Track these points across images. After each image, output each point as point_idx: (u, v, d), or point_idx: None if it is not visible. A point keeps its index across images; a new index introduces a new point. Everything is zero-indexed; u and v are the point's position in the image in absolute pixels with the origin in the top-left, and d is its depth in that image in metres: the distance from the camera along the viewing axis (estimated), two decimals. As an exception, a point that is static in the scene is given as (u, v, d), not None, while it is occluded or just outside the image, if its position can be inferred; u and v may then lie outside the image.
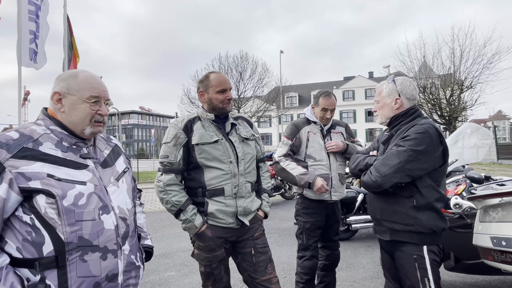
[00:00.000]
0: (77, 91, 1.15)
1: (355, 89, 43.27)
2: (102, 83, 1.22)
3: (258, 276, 1.85)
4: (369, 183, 1.68)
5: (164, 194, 1.81)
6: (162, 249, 4.68)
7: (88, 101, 1.15)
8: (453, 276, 3.39)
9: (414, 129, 1.65)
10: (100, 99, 1.18)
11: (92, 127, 1.17)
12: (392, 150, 1.65)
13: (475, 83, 16.46)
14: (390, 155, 1.64)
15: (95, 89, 1.17)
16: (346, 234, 4.88)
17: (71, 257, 1.04)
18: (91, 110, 1.15)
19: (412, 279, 1.62)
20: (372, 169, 1.68)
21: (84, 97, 1.15)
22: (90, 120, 1.16)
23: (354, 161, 1.90)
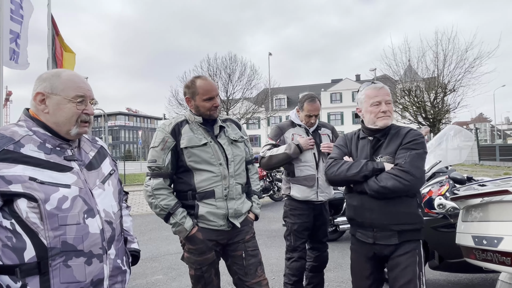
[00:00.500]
0: (61, 91, 1.12)
1: (343, 91, 43.86)
2: (86, 82, 1.20)
3: (248, 279, 1.85)
4: (399, 187, 1.64)
5: (153, 199, 1.79)
6: (149, 252, 4.61)
7: (74, 100, 1.12)
8: (437, 275, 3.47)
9: (416, 133, 1.78)
10: (86, 98, 1.16)
11: (78, 127, 1.14)
12: (412, 153, 1.69)
13: (458, 87, 16.97)
14: (415, 158, 1.68)
15: (81, 88, 1.15)
16: (334, 235, 4.93)
17: (54, 262, 1.01)
18: (77, 110, 1.13)
19: (411, 274, 1.67)
20: (400, 173, 1.64)
21: (70, 96, 1.12)
22: (76, 120, 1.13)
23: (349, 167, 1.76)
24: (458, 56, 16.66)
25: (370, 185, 1.70)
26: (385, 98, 1.79)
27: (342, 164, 1.81)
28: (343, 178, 1.79)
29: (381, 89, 1.81)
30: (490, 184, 2.16)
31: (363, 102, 1.86)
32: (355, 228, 1.88)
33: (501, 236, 1.50)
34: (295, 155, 2.49)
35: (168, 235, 5.44)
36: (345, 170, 1.77)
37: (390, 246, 1.73)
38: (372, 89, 1.83)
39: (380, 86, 1.83)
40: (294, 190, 2.56)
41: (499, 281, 1.75)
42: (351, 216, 1.88)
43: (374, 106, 1.79)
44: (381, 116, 1.78)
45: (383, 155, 1.78)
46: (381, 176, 1.69)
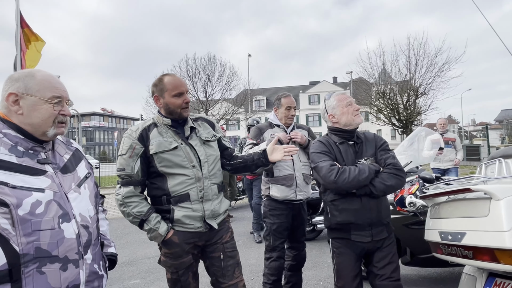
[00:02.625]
0: (37, 91, 1.09)
1: (320, 93, 44.66)
2: (61, 82, 1.19)
3: (225, 281, 1.85)
4: (399, 183, 1.87)
5: (124, 207, 1.75)
6: (126, 256, 4.50)
7: (51, 101, 1.10)
8: (409, 270, 3.63)
9: (380, 136, 2.08)
10: (62, 99, 1.14)
11: (55, 128, 1.12)
12: (393, 154, 1.96)
13: (428, 90, 17.73)
14: (395, 157, 1.94)
15: (57, 89, 1.13)
16: (311, 234, 5.03)
17: (27, 269, 0.99)
18: (54, 111, 1.11)
19: (397, 260, 1.95)
20: (397, 171, 1.86)
21: (46, 97, 1.10)
22: (53, 121, 1.11)
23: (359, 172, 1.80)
24: (428, 60, 17.42)
25: (377, 186, 1.83)
26: (353, 100, 2.03)
27: (349, 170, 1.82)
28: (356, 184, 1.80)
29: (346, 93, 2.06)
30: (455, 183, 2.30)
31: (335, 107, 2.01)
32: (348, 232, 1.90)
33: (464, 231, 1.60)
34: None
35: (145, 239, 5.30)
36: (357, 176, 1.79)
37: (382, 239, 1.92)
38: (340, 94, 2.05)
39: (345, 91, 2.10)
40: (273, 190, 2.60)
41: (463, 274, 1.87)
42: (348, 220, 1.88)
43: (348, 107, 1.98)
44: (356, 114, 1.99)
45: (366, 158, 1.94)
46: (383, 176, 1.85)
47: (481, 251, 1.52)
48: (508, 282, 1.55)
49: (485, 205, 1.51)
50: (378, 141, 2.00)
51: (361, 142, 2.00)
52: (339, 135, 2.01)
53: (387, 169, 1.87)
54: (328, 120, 2.06)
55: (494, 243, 1.43)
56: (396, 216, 2.86)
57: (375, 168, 1.85)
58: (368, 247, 1.91)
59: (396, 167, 1.88)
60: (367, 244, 1.90)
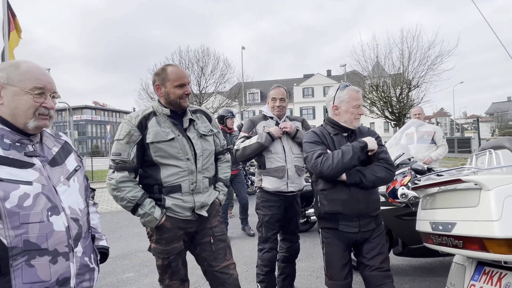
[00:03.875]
0: (18, 82, 1.06)
1: (314, 86, 44.71)
2: (48, 74, 1.14)
3: (217, 263, 1.87)
4: (388, 177, 1.92)
5: (118, 192, 1.73)
6: (120, 250, 4.49)
7: (32, 92, 1.07)
8: (401, 260, 3.69)
9: (373, 131, 2.08)
10: (46, 91, 1.10)
11: (36, 120, 1.08)
12: (385, 149, 1.98)
13: (421, 83, 17.85)
14: (387, 152, 1.96)
15: (40, 80, 1.09)
16: (305, 226, 5.07)
17: (15, 262, 0.97)
18: (34, 102, 1.07)
19: (386, 251, 1.97)
20: (388, 166, 1.92)
21: (27, 88, 1.06)
22: (34, 112, 1.07)
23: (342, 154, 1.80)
24: (421, 53, 17.49)
25: (368, 176, 1.86)
26: (362, 103, 2.01)
27: (333, 155, 1.82)
28: (342, 167, 1.79)
29: (360, 94, 2.00)
30: (446, 174, 2.32)
31: (344, 101, 1.96)
32: (336, 222, 1.93)
33: (454, 221, 1.62)
34: (267, 143, 2.55)
35: (139, 232, 5.32)
36: (340, 159, 1.78)
37: (370, 230, 1.94)
38: (355, 92, 1.98)
39: (359, 90, 2.02)
40: (265, 181, 2.62)
41: (453, 263, 1.90)
42: (336, 210, 1.90)
43: (355, 108, 1.95)
44: (358, 118, 1.98)
45: None
46: (374, 168, 1.89)
47: (470, 241, 1.55)
48: (497, 271, 1.58)
49: (475, 196, 1.54)
50: (371, 135, 2.00)
51: (355, 135, 2.02)
52: (334, 127, 2.02)
53: (379, 162, 1.92)
54: (331, 110, 2.03)
55: (484, 233, 1.45)
56: (388, 207, 2.89)
57: (359, 145, 1.85)
58: (356, 237, 1.94)
59: (387, 162, 1.93)
60: (354, 234, 1.93)
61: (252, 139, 2.60)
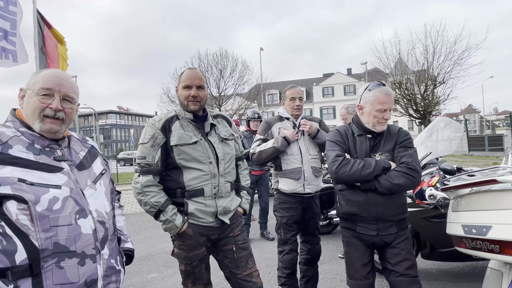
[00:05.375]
0: (32, 85, 1.10)
1: (334, 85, 44.01)
2: (64, 78, 1.14)
3: (239, 272, 1.87)
4: (409, 183, 1.78)
5: (142, 196, 1.76)
6: (144, 251, 4.60)
7: (39, 93, 1.08)
8: (429, 264, 3.54)
9: (406, 132, 1.94)
10: (54, 92, 1.10)
11: (41, 123, 1.08)
12: (411, 152, 1.84)
13: (447, 79, 17.15)
14: (415, 156, 1.83)
15: (48, 82, 1.09)
16: (327, 228, 4.98)
17: (46, 264, 1.01)
18: (40, 103, 1.08)
19: (413, 257, 1.85)
20: (409, 171, 1.77)
21: (36, 89, 1.09)
22: (39, 114, 1.08)
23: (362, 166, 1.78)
24: (447, 48, 16.83)
25: (383, 183, 1.78)
26: (391, 107, 1.86)
27: (353, 163, 1.80)
28: (356, 178, 1.79)
29: (390, 96, 1.85)
30: (479, 174, 2.20)
31: (369, 103, 1.88)
32: (354, 223, 1.91)
33: (490, 224, 1.53)
34: (283, 147, 2.52)
35: (163, 234, 5.42)
36: (359, 170, 1.78)
37: (390, 234, 1.86)
38: (383, 94, 1.84)
39: (390, 92, 1.86)
40: (281, 183, 2.59)
41: (488, 269, 1.79)
42: (353, 211, 1.89)
43: (379, 112, 1.85)
44: (382, 122, 1.86)
45: (382, 153, 1.87)
46: (391, 174, 1.79)
47: (508, 245, 1.45)
48: (538, 278, 1.48)
49: (512, 197, 1.44)
50: (400, 137, 1.90)
51: (381, 137, 1.93)
52: (359, 128, 1.96)
53: (399, 167, 1.81)
54: (356, 108, 2.00)
55: None
56: (415, 209, 2.78)
57: (383, 165, 1.80)
58: (374, 240, 1.88)
59: (408, 166, 1.79)
60: (372, 237, 1.88)
61: (268, 143, 2.58)
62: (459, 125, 4.22)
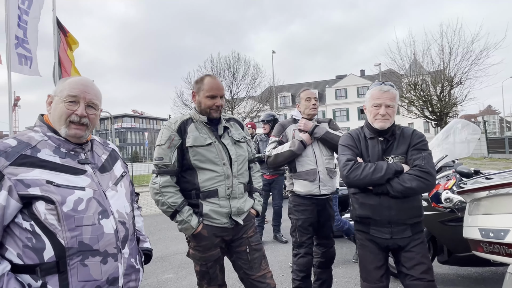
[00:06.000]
0: (60, 92, 1.16)
1: (348, 87, 43.57)
2: (89, 85, 1.20)
3: (253, 273, 1.89)
4: (422, 186, 1.75)
5: (160, 196, 1.82)
6: (159, 251, 4.68)
7: (65, 100, 1.14)
8: (447, 269, 3.46)
9: (420, 134, 1.90)
10: (79, 99, 1.16)
11: (67, 128, 1.14)
12: (425, 154, 1.80)
13: (465, 79, 16.73)
14: (429, 158, 1.80)
15: (74, 89, 1.15)
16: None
17: (72, 261, 1.06)
18: (66, 110, 1.14)
19: (428, 261, 1.81)
20: (422, 174, 1.75)
21: (63, 96, 1.15)
22: (66, 120, 1.14)
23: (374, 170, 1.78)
24: (464, 48, 16.44)
25: (395, 186, 1.77)
26: (386, 102, 1.83)
27: (364, 167, 1.80)
28: (368, 182, 1.79)
29: (385, 92, 1.84)
30: (497, 177, 2.15)
31: (367, 101, 1.92)
32: (368, 226, 1.91)
33: (508, 228, 1.50)
34: (299, 151, 2.54)
35: (177, 235, 5.50)
36: (370, 174, 1.77)
37: (405, 238, 1.84)
38: (377, 90, 1.87)
39: (386, 89, 1.85)
40: (296, 185, 2.60)
41: (507, 274, 1.75)
42: (366, 214, 1.89)
43: (374, 107, 1.86)
44: (379, 118, 1.85)
45: (394, 156, 1.85)
46: (404, 177, 1.77)
47: (527, 250, 1.42)
48: (560, 283, 1.44)
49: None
50: (414, 139, 1.87)
51: (394, 139, 1.91)
52: (370, 130, 1.95)
53: (412, 170, 1.79)
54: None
55: None
56: (431, 212, 2.74)
57: (395, 168, 1.78)
58: (388, 243, 1.87)
59: (421, 169, 1.76)
60: (386, 240, 1.87)
61: (285, 146, 2.60)
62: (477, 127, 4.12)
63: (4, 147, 1.04)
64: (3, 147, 1.04)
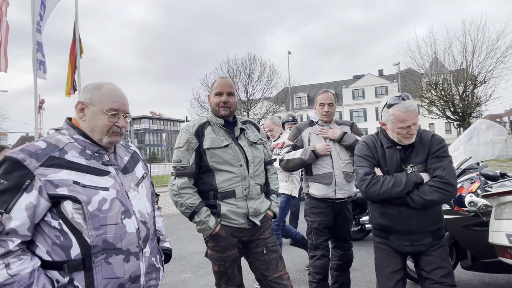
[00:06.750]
0: (98, 103, 1.21)
1: (365, 87, 42.81)
2: (124, 96, 1.28)
3: (270, 274, 1.90)
4: (443, 198, 1.71)
5: (178, 197, 1.86)
6: (177, 251, 4.75)
7: (108, 113, 1.21)
8: (471, 275, 3.34)
9: (440, 139, 1.81)
10: (119, 112, 1.23)
11: (109, 137, 1.22)
12: (446, 162, 1.74)
13: (489, 78, 16.12)
14: (450, 167, 1.75)
15: (115, 103, 1.23)
16: (359, 234, 4.86)
17: (96, 259, 1.10)
18: (109, 122, 1.21)
19: (449, 265, 1.79)
20: (442, 185, 1.69)
21: (104, 109, 1.20)
22: (108, 130, 1.21)
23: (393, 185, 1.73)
24: (488, 45, 15.85)
25: (415, 199, 1.73)
26: (414, 121, 1.74)
27: (383, 181, 1.76)
28: (387, 197, 1.76)
29: (411, 113, 1.73)
30: (525, 180, 2.06)
31: (390, 121, 1.80)
32: (388, 233, 1.88)
33: (538, 234, 1.44)
34: (310, 160, 2.52)
35: (195, 235, 5.58)
36: (389, 189, 1.73)
37: (425, 244, 1.81)
38: (403, 112, 1.73)
39: (411, 108, 1.73)
40: (312, 188, 2.58)
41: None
42: (386, 224, 1.87)
43: (401, 129, 1.76)
44: (408, 137, 1.78)
45: (414, 165, 1.80)
46: (424, 189, 1.73)
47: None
48: None
49: None
50: (433, 146, 1.79)
51: (412, 147, 1.82)
52: (388, 139, 1.88)
53: (432, 181, 1.73)
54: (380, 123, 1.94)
55: None
56: (454, 216, 2.65)
57: (415, 180, 1.74)
58: (408, 249, 1.85)
59: (442, 181, 1.70)
60: (406, 247, 1.84)
61: (297, 153, 2.58)
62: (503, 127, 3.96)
63: (35, 149, 1.09)
64: (34, 149, 1.09)
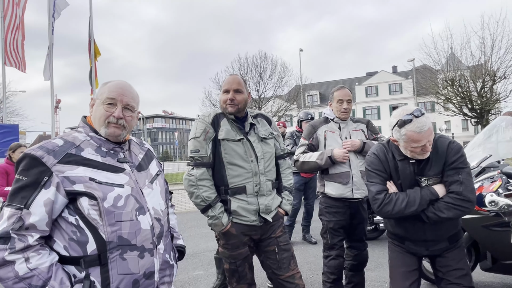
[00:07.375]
0: (100, 95, 1.23)
1: (379, 84, 42.08)
2: (127, 89, 1.25)
3: (282, 273, 1.89)
4: (459, 214, 1.65)
5: (195, 188, 1.83)
6: (189, 249, 4.79)
7: (104, 102, 1.21)
8: (491, 277, 3.24)
9: (457, 147, 1.69)
10: (116, 102, 1.22)
11: (106, 128, 1.20)
12: (463, 175, 1.64)
13: (509, 73, 15.55)
14: (468, 180, 1.65)
15: (113, 92, 1.22)
16: (373, 234, 4.78)
17: (112, 255, 1.11)
18: (105, 112, 1.20)
19: (466, 266, 1.75)
20: (459, 202, 1.62)
21: (102, 99, 1.22)
22: (104, 121, 1.20)
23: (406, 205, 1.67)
24: (508, 40, 15.29)
25: (430, 216, 1.68)
26: (429, 139, 1.62)
27: (396, 201, 1.70)
28: (402, 216, 1.72)
29: (425, 132, 1.59)
30: (551, 179, 1.97)
31: (402, 141, 1.68)
32: (403, 240, 1.85)
33: None
34: (326, 166, 2.47)
35: (207, 232, 5.61)
36: (402, 209, 1.68)
37: (440, 249, 1.78)
38: (416, 133, 1.60)
39: (425, 128, 1.59)
40: (328, 187, 2.53)
41: None
42: (401, 233, 1.84)
43: (415, 148, 1.65)
44: (421, 153, 1.67)
45: (429, 178, 1.71)
46: (439, 206, 1.66)
47: None
48: None
49: None
50: (450, 157, 1.67)
51: (427, 159, 1.70)
52: (400, 151, 1.76)
53: (448, 197, 1.64)
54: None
55: None
56: (473, 216, 2.56)
57: (429, 197, 1.67)
58: (424, 254, 1.82)
59: (459, 197, 1.62)
60: (422, 251, 1.81)
61: (313, 156, 2.51)
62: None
63: (53, 147, 1.11)
64: (52, 147, 1.11)
